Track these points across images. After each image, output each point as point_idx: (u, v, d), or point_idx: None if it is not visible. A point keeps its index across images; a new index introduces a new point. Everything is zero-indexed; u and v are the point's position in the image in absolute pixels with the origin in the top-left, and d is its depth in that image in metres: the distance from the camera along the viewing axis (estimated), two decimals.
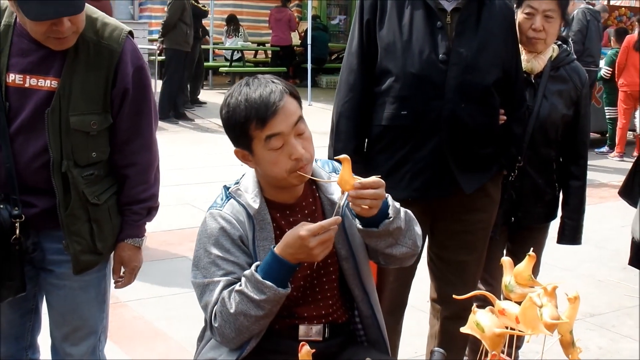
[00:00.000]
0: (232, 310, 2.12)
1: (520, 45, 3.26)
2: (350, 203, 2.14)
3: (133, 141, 2.63)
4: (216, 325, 2.17)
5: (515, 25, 3.20)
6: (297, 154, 2.15)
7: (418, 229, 2.35)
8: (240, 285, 2.13)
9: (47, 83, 2.45)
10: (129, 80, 2.54)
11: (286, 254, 2.08)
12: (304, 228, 2.05)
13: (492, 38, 2.97)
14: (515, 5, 3.33)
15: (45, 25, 2.31)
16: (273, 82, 2.20)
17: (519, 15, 3.32)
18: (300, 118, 2.19)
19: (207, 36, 15.01)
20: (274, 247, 2.12)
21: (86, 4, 2.40)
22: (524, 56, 3.34)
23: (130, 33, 2.59)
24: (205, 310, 2.21)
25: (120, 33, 2.53)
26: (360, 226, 2.23)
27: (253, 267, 2.14)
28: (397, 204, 2.26)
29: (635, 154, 10.34)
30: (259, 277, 2.09)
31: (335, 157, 2.26)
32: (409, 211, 2.32)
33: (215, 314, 2.17)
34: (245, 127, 2.15)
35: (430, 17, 2.92)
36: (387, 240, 2.24)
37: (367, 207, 2.10)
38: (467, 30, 2.93)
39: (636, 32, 10.07)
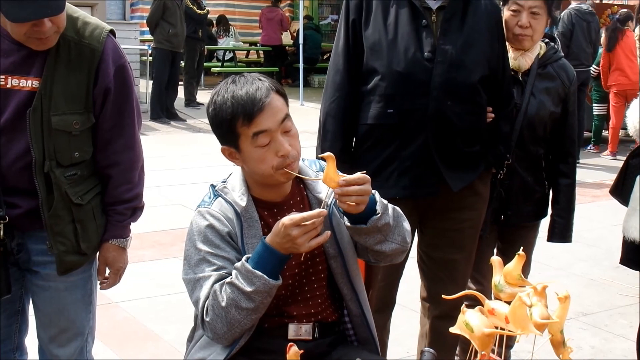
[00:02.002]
0: (223, 304, 2.12)
1: (507, 43, 3.26)
2: (337, 200, 2.13)
3: (115, 141, 2.61)
4: (208, 319, 2.16)
5: (502, 23, 3.20)
6: (283, 150, 2.16)
7: (407, 224, 2.35)
8: (232, 277, 2.13)
9: (29, 83, 2.43)
10: (111, 80, 2.52)
11: (275, 243, 2.09)
12: (288, 217, 2.07)
13: (477, 36, 2.97)
14: (501, 3, 3.33)
15: (26, 26, 2.29)
16: (260, 79, 2.21)
17: (505, 13, 3.33)
18: (287, 116, 2.20)
19: (204, 46, 14.80)
20: (264, 238, 2.12)
21: (67, 3, 2.37)
22: (511, 54, 3.34)
23: (112, 32, 2.57)
24: (197, 305, 2.20)
25: (101, 32, 2.51)
26: (348, 224, 2.23)
27: (244, 258, 2.14)
28: (385, 201, 2.26)
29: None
30: (249, 267, 2.09)
31: (319, 156, 2.26)
32: (397, 207, 2.32)
33: (206, 309, 2.16)
34: (232, 124, 2.15)
35: (415, 15, 2.92)
36: (376, 237, 2.24)
37: (353, 203, 2.10)
38: (453, 28, 2.94)
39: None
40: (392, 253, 2.31)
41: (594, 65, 10.52)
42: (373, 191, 2.18)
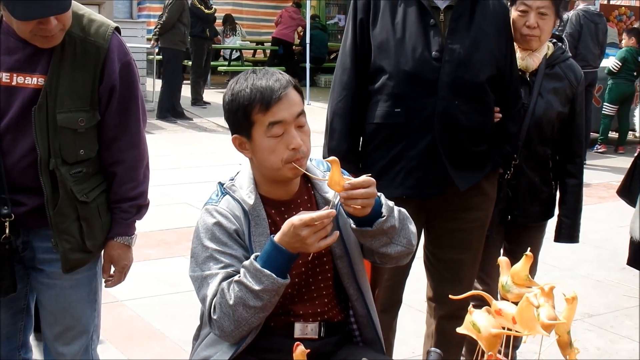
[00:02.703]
0: (231, 302, 2.12)
1: (515, 43, 3.25)
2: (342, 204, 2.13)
3: (120, 138, 2.61)
4: (215, 317, 2.16)
5: (510, 23, 3.19)
6: (295, 143, 2.17)
7: (412, 227, 2.34)
8: (240, 276, 2.13)
9: (34, 80, 2.43)
10: (116, 77, 2.52)
11: (283, 242, 2.09)
12: (297, 217, 2.07)
13: (485, 35, 2.96)
14: (509, 3, 3.32)
15: (32, 24, 2.29)
16: (280, 73, 2.25)
17: (513, 13, 3.31)
18: (303, 111, 2.23)
19: (218, 36, 14.98)
20: (273, 236, 2.12)
21: (72, 1, 2.38)
22: (518, 54, 3.32)
23: (117, 29, 2.57)
24: (204, 303, 2.20)
25: (107, 29, 2.52)
26: (354, 226, 2.22)
27: (252, 256, 2.14)
28: (391, 203, 2.25)
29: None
30: (258, 266, 2.09)
31: (324, 159, 2.27)
32: (402, 209, 2.31)
33: (214, 306, 2.16)
34: (248, 110, 2.17)
35: (423, 14, 2.92)
36: (381, 240, 2.23)
37: (359, 206, 2.09)
38: (460, 27, 2.93)
39: None
40: (397, 255, 2.30)
41: (616, 60, 10.42)
42: (379, 194, 2.18)
